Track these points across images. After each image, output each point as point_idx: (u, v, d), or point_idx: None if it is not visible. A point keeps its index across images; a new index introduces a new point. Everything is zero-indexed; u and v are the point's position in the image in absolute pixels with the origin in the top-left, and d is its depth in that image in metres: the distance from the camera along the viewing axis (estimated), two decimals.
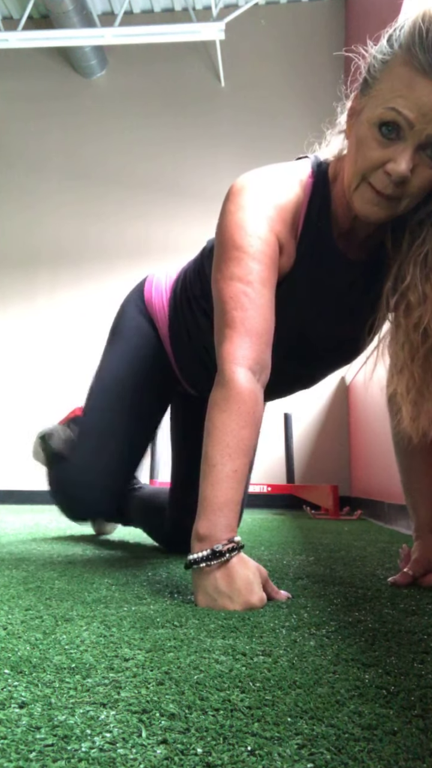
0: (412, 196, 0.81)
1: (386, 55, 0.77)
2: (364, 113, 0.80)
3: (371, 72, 0.79)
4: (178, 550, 1.34)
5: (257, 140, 4.30)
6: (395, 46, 0.76)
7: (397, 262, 0.90)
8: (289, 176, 0.92)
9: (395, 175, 0.77)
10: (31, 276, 4.38)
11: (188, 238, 4.11)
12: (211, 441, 0.80)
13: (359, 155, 0.80)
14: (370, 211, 0.83)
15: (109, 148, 4.50)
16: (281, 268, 0.93)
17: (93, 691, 0.44)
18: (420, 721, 0.39)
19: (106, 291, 4.19)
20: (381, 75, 0.78)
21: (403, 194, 0.80)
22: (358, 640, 0.59)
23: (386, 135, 0.77)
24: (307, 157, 0.97)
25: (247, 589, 0.73)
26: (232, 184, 0.92)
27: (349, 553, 1.34)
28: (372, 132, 0.78)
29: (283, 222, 0.90)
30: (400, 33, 0.76)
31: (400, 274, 0.89)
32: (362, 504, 3.17)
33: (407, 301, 0.87)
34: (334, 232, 0.94)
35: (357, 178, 0.82)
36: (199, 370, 1.19)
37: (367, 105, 0.79)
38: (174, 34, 3.77)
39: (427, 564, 0.93)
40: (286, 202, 0.90)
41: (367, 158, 0.79)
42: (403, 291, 0.87)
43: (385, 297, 0.91)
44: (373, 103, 0.78)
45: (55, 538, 1.64)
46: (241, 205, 0.89)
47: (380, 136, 0.77)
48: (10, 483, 4.07)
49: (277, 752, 0.34)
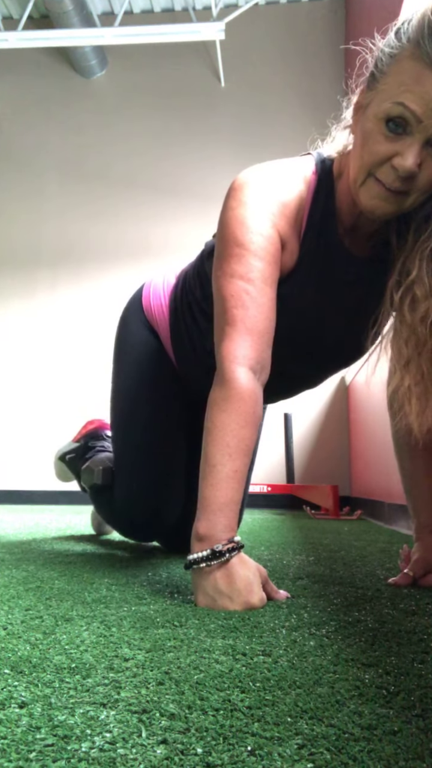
0: (419, 192, 0.80)
1: (394, 49, 0.76)
2: (371, 108, 0.79)
3: (378, 66, 0.78)
4: (178, 551, 1.34)
5: (257, 140, 4.30)
6: (403, 40, 0.75)
7: (402, 258, 0.89)
8: (293, 172, 0.91)
9: (402, 170, 0.76)
10: (32, 276, 4.37)
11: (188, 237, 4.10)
12: (211, 440, 0.79)
13: (366, 150, 0.79)
14: (376, 206, 0.82)
15: (109, 147, 4.50)
16: (284, 266, 0.92)
17: (93, 691, 0.44)
18: (420, 721, 0.39)
19: (106, 290, 4.20)
20: (388, 69, 0.77)
21: (411, 189, 0.79)
22: (358, 640, 0.59)
23: (393, 130, 0.76)
24: (311, 153, 0.96)
25: (247, 589, 0.72)
26: (234, 180, 0.91)
27: (349, 553, 1.34)
28: (379, 126, 0.77)
29: (285, 218, 0.89)
30: (408, 26, 0.75)
31: (405, 269, 0.88)
32: (362, 504, 3.17)
33: (413, 295, 0.86)
34: (339, 229, 0.93)
35: (363, 172, 0.81)
36: (201, 374, 1.19)
37: (374, 99, 0.79)
38: (174, 34, 3.77)
39: (427, 564, 0.93)
40: (289, 197, 0.89)
41: (373, 153, 0.78)
42: (409, 285, 0.86)
43: (389, 292, 0.90)
44: (381, 98, 0.77)
45: (55, 538, 1.64)
46: (243, 201, 0.87)
47: (387, 130, 0.76)
48: (10, 483, 4.07)
49: (277, 752, 0.34)
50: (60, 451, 1.65)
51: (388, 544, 1.55)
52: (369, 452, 3.09)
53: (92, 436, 1.58)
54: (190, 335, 1.15)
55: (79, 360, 4.15)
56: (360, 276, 0.98)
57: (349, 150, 0.90)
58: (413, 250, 0.87)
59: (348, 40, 4.23)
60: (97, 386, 3.67)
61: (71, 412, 3.93)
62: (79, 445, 1.58)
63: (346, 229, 0.94)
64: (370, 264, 0.97)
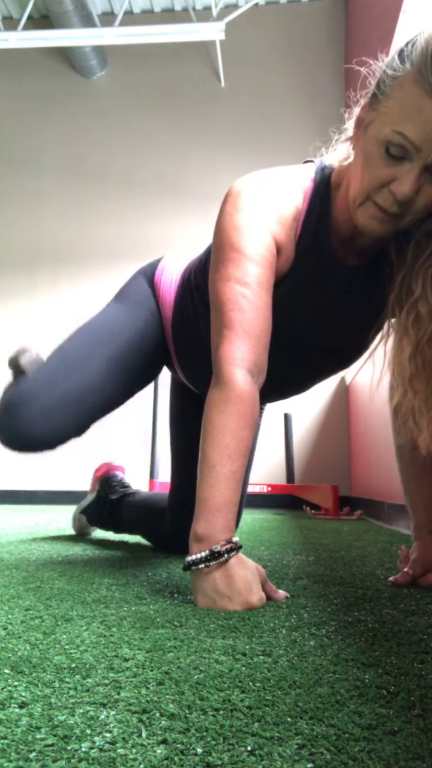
0: (415, 213, 0.82)
1: (397, 71, 0.76)
2: (372, 128, 0.79)
3: (381, 87, 0.79)
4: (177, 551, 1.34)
5: (257, 140, 4.30)
6: (406, 63, 0.75)
7: (402, 272, 0.90)
8: (289, 180, 0.92)
9: (400, 195, 0.77)
10: (32, 276, 4.37)
11: (188, 237, 4.11)
12: (210, 442, 0.79)
13: (366, 172, 0.81)
14: (372, 226, 0.84)
15: (108, 147, 4.50)
16: (279, 270, 0.93)
17: (93, 691, 0.44)
18: (420, 721, 0.39)
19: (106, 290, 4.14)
20: (391, 91, 0.77)
21: (407, 212, 0.81)
22: (358, 640, 0.59)
23: (393, 155, 0.77)
24: (312, 161, 0.97)
25: (246, 590, 0.73)
26: (231, 186, 0.92)
27: (349, 553, 1.34)
28: (379, 150, 0.78)
29: (281, 224, 0.90)
30: (412, 50, 0.75)
31: (406, 285, 0.89)
32: (362, 504, 3.17)
33: (417, 313, 0.87)
34: (334, 238, 0.94)
35: (363, 195, 0.82)
36: (197, 363, 1.19)
37: (375, 120, 0.79)
38: (174, 34, 3.77)
39: (426, 564, 0.93)
40: (284, 204, 0.90)
41: (373, 176, 0.79)
42: (413, 303, 0.87)
43: (390, 306, 0.91)
44: (382, 120, 0.78)
45: (55, 538, 1.64)
46: (239, 207, 0.89)
47: (386, 155, 0.77)
48: (10, 483, 4.07)
49: (277, 752, 0.34)
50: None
51: (388, 544, 1.55)
52: (369, 452, 3.09)
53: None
54: (191, 322, 1.15)
55: None
56: (353, 284, 0.99)
57: (350, 161, 0.91)
58: (414, 267, 0.88)
59: (348, 40, 4.24)
60: None
61: None
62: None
63: (342, 239, 0.95)
64: (364, 273, 0.98)
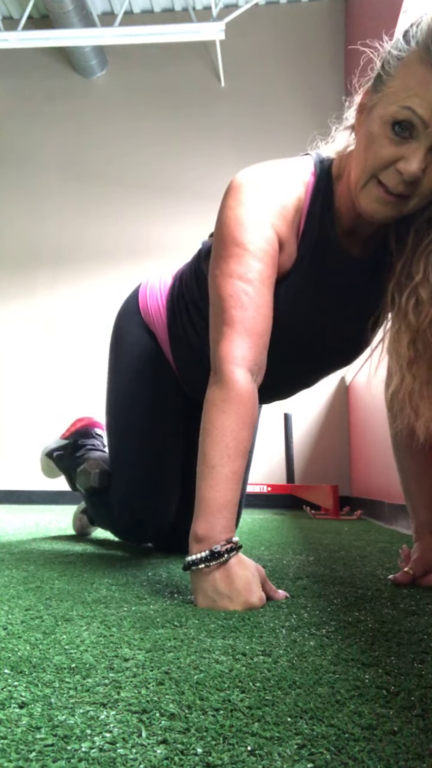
0: (421, 196, 0.80)
1: (402, 52, 0.76)
2: (376, 110, 0.78)
3: (385, 68, 0.78)
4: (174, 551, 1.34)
5: (257, 140, 4.29)
6: (412, 43, 0.75)
7: (402, 260, 0.89)
8: (291, 172, 0.91)
9: (407, 175, 0.76)
10: (32, 275, 4.37)
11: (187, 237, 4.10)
12: (210, 442, 0.79)
13: (370, 153, 0.79)
14: (376, 210, 0.82)
15: (109, 147, 4.50)
16: (282, 266, 0.91)
17: (93, 691, 0.44)
18: (420, 721, 0.39)
19: (106, 290, 4.19)
20: (396, 71, 0.76)
21: (413, 193, 0.79)
22: (358, 640, 0.59)
23: (399, 133, 0.76)
24: (309, 154, 0.96)
25: (246, 589, 0.72)
26: (232, 179, 0.90)
27: (349, 553, 1.34)
28: (384, 130, 0.77)
29: (284, 219, 0.88)
30: (417, 30, 0.75)
31: (407, 271, 0.88)
32: (362, 504, 3.16)
33: (417, 297, 0.86)
34: (337, 230, 0.93)
35: (366, 175, 0.80)
36: (198, 374, 1.19)
37: (379, 102, 0.78)
38: (174, 34, 3.76)
39: (426, 564, 0.93)
40: (287, 198, 0.89)
41: (378, 156, 0.78)
42: (413, 288, 0.86)
43: (389, 294, 0.90)
44: (387, 100, 0.77)
45: (55, 538, 1.64)
46: (242, 201, 0.87)
47: (393, 134, 0.76)
48: (10, 483, 4.07)
49: (277, 752, 0.34)
50: (47, 447, 1.61)
51: (388, 544, 1.55)
52: (369, 452, 3.09)
53: (82, 434, 1.56)
54: (188, 336, 1.15)
55: (79, 360, 4.15)
56: (358, 278, 0.98)
57: (349, 151, 0.90)
58: (415, 253, 0.87)
59: (348, 40, 4.23)
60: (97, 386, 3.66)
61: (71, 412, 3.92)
62: (68, 442, 1.56)
63: (345, 230, 0.94)
64: (368, 266, 0.97)
